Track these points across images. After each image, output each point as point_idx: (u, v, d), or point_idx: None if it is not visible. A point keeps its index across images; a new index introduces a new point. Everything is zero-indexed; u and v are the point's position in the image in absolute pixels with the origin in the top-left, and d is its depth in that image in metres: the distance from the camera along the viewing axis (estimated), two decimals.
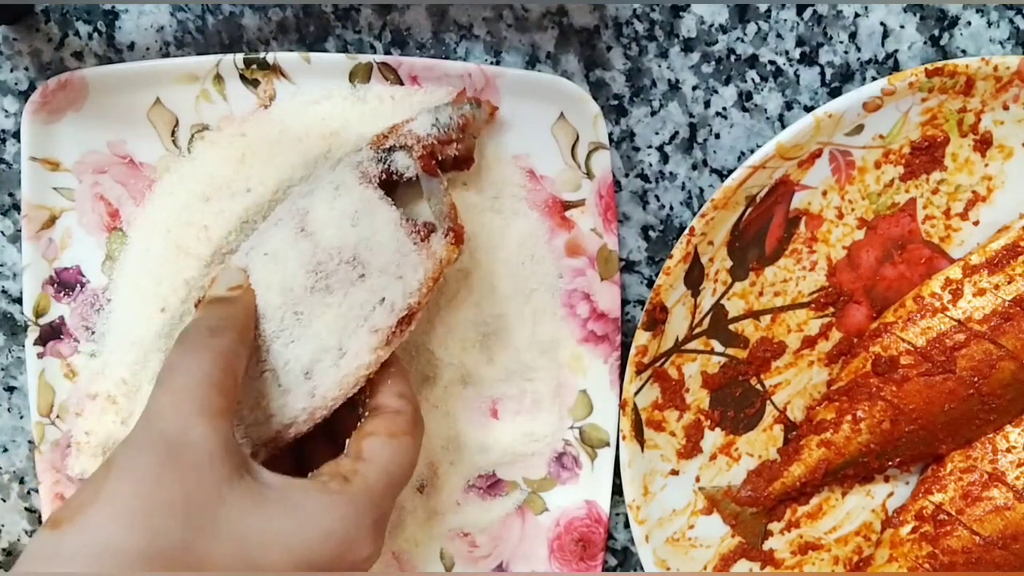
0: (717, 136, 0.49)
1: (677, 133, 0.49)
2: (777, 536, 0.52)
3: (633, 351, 0.48)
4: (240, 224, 0.47)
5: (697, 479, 0.51)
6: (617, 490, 0.51)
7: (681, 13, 0.48)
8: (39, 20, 0.49)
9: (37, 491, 0.53)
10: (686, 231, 0.47)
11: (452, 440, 0.51)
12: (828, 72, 0.48)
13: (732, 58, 0.48)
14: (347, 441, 0.42)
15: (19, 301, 0.52)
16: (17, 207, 0.51)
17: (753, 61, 0.48)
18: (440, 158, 0.45)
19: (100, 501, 0.34)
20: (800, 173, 0.47)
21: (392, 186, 0.45)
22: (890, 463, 0.50)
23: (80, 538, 0.34)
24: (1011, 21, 0.47)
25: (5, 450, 0.54)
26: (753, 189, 0.47)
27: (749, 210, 0.48)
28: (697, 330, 0.50)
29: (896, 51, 0.48)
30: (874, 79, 0.48)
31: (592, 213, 0.49)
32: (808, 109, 0.49)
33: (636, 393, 0.49)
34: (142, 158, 0.49)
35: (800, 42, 0.48)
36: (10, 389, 0.53)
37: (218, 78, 0.48)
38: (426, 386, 0.50)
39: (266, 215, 0.47)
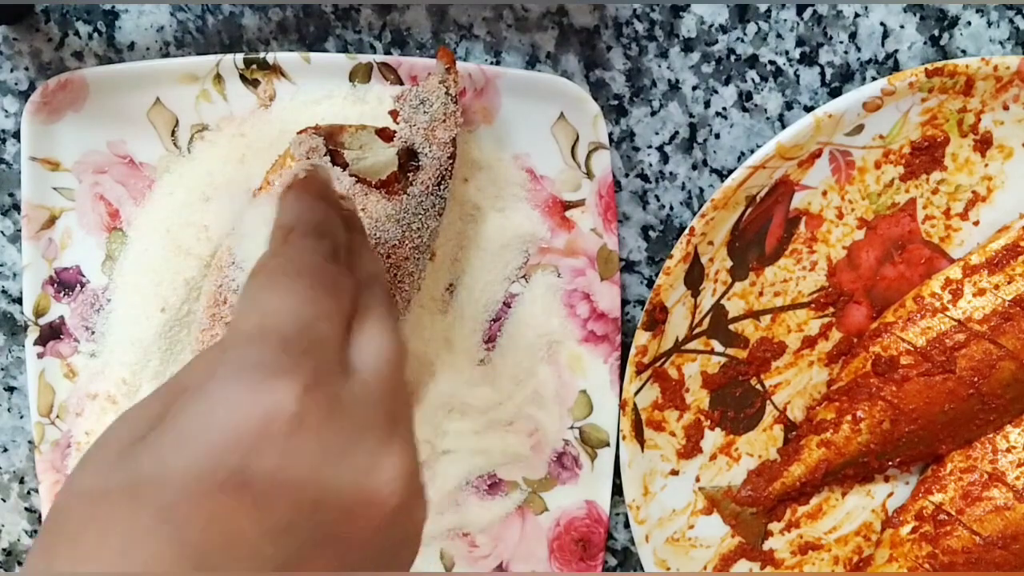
0: (717, 136, 0.49)
1: (677, 133, 0.49)
2: (777, 536, 0.52)
3: (633, 351, 0.48)
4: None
5: (697, 479, 0.51)
6: (617, 490, 0.51)
7: (681, 13, 0.48)
8: (39, 20, 0.49)
9: (37, 491, 0.53)
10: (686, 231, 0.47)
11: (451, 438, 0.51)
12: (828, 72, 0.48)
13: (732, 58, 0.48)
14: None
15: (19, 301, 0.52)
16: (17, 207, 0.51)
17: (753, 61, 0.48)
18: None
19: None
20: (800, 173, 0.47)
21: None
22: (890, 463, 0.50)
23: None
24: (1011, 21, 0.47)
25: (5, 450, 0.54)
26: (753, 189, 0.47)
27: (749, 210, 0.48)
28: (697, 330, 0.49)
29: (896, 51, 0.48)
30: (874, 79, 0.48)
31: (592, 213, 0.49)
32: (808, 109, 0.48)
33: (636, 393, 0.49)
34: (142, 158, 0.49)
35: (800, 42, 0.48)
36: (10, 389, 0.53)
37: (218, 78, 0.48)
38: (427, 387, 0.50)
39: None
